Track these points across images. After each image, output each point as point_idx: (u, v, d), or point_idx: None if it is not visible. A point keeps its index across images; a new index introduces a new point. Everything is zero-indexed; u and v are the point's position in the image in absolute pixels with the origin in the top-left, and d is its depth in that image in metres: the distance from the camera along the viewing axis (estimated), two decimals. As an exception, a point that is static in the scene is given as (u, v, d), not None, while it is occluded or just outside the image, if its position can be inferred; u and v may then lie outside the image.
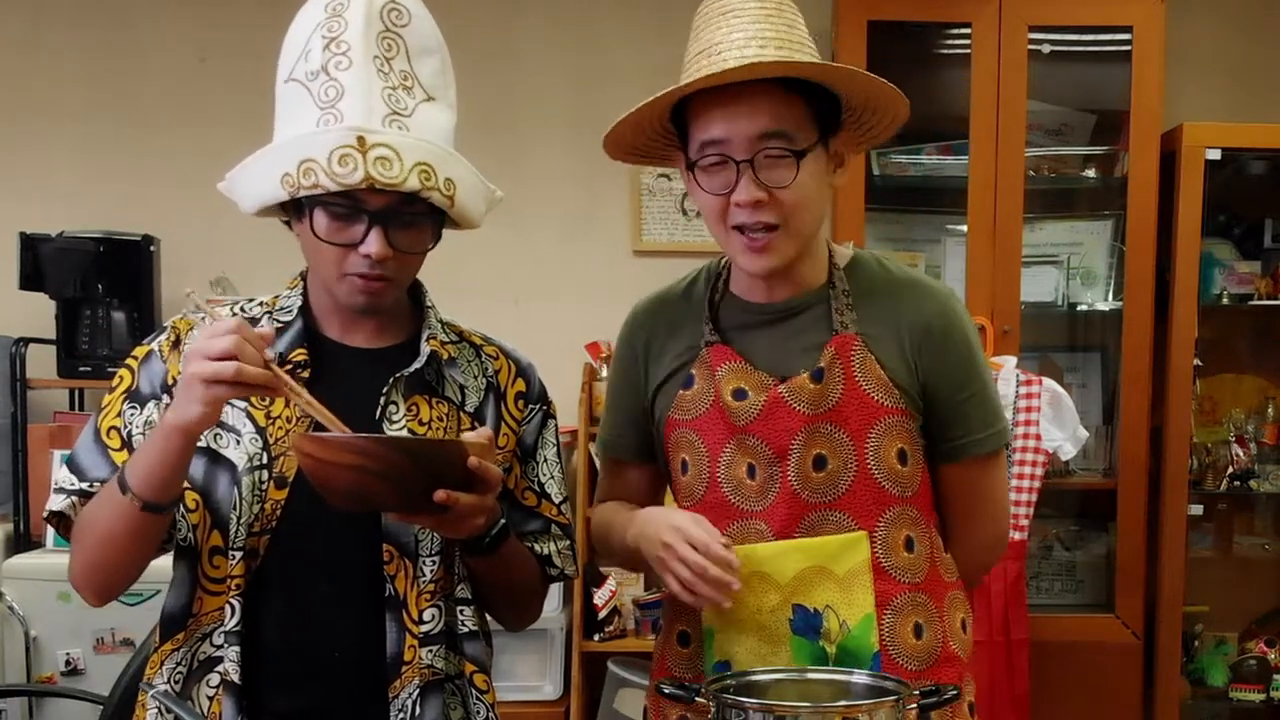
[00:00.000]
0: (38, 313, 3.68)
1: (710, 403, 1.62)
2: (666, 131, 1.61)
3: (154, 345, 1.57)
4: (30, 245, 3.58)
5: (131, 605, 3.27)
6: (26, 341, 3.64)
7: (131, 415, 1.52)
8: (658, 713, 1.69)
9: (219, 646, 1.48)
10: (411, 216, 1.47)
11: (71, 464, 1.53)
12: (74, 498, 1.51)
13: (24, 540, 3.59)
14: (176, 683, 1.51)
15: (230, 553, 1.47)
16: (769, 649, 1.57)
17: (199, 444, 1.48)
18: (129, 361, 1.56)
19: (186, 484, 1.48)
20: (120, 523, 1.41)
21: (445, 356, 1.59)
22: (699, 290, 1.70)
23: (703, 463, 1.62)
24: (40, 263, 3.57)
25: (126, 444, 1.51)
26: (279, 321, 1.56)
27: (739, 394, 1.59)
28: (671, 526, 1.52)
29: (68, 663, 3.37)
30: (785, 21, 1.52)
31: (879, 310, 1.60)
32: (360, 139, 1.41)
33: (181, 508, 1.50)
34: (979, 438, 1.63)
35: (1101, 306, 3.73)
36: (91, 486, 1.50)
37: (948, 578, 1.65)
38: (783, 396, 1.57)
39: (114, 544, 1.44)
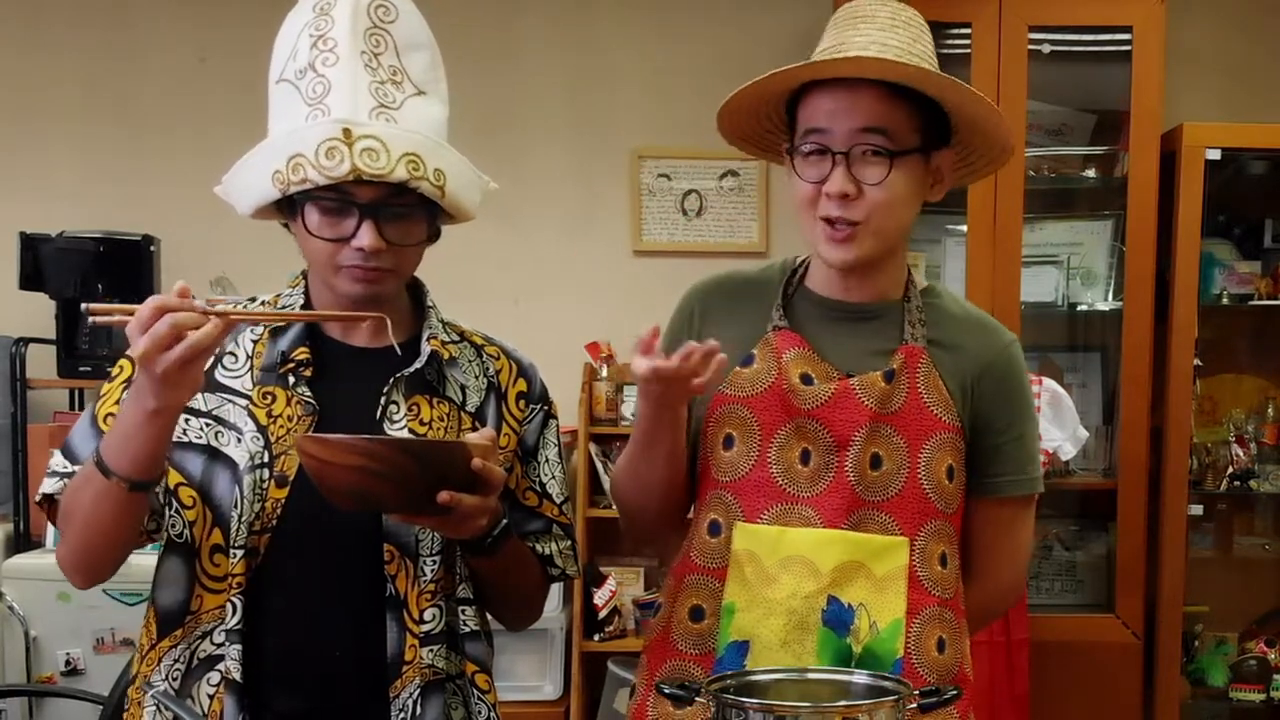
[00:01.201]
0: (38, 313, 3.68)
1: (771, 383, 1.62)
2: (782, 121, 1.66)
3: None
4: (30, 245, 3.58)
5: (131, 605, 3.28)
6: (26, 341, 3.64)
7: None
8: (644, 704, 1.68)
9: (219, 645, 1.48)
10: (403, 208, 1.47)
11: (65, 449, 1.53)
12: (64, 480, 1.50)
13: (24, 540, 3.59)
14: (174, 680, 1.50)
15: (231, 551, 1.47)
16: (796, 635, 1.57)
17: (198, 441, 1.49)
18: (130, 352, 1.56)
19: (184, 481, 1.48)
20: (106, 504, 1.40)
21: (446, 356, 1.59)
22: (772, 276, 1.72)
23: (753, 440, 1.62)
24: (40, 263, 3.58)
25: None
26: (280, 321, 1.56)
27: (806, 379, 1.61)
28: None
29: (68, 663, 3.37)
30: (911, 35, 1.57)
31: (947, 336, 1.65)
32: (346, 131, 1.41)
33: (176, 504, 1.49)
34: (1016, 479, 1.68)
35: (1101, 306, 3.73)
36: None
37: (963, 605, 1.68)
38: (853, 388, 1.59)
39: (100, 526, 1.43)
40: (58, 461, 1.53)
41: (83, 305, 1.40)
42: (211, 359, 1.50)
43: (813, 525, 1.59)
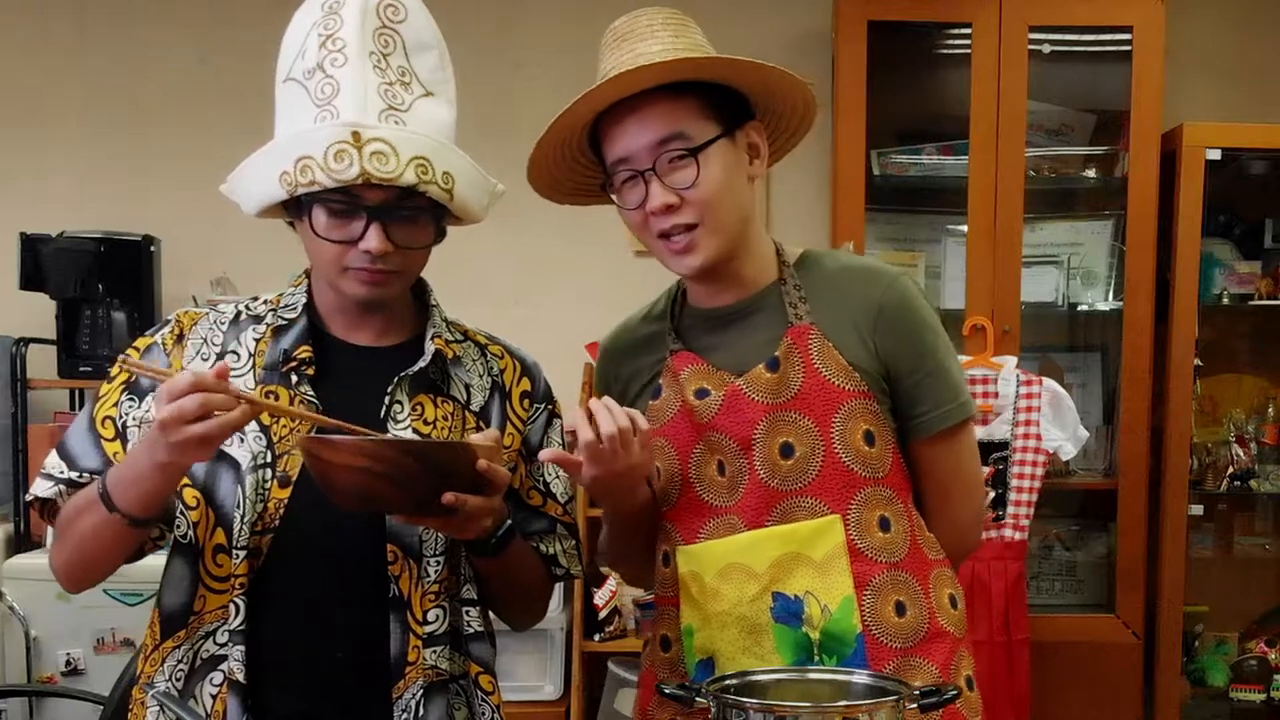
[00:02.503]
0: (38, 313, 3.68)
1: (677, 407, 1.64)
2: (595, 165, 1.65)
3: (156, 338, 1.57)
4: (31, 245, 3.58)
5: (132, 605, 3.28)
6: (27, 341, 3.64)
7: (129, 407, 1.52)
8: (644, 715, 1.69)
9: (222, 645, 1.48)
10: (411, 211, 1.47)
11: (61, 450, 1.53)
12: (61, 486, 1.51)
13: (24, 540, 3.58)
14: (178, 680, 1.50)
15: (234, 551, 1.47)
16: (751, 640, 1.58)
17: None
18: (129, 353, 1.56)
19: (187, 481, 1.48)
20: (105, 532, 1.43)
21: (450, 355, 1.59)
22: (659, 308, 1.74)
23: (674, 466, 1.64)
24: (41, 263, 3.57)
25: (120, 435, 1.51)
26: (283, 319, 1.56)
27: (701, 393, 1.62)
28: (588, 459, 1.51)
29: (68, 663, 3.37)
30: (671, 32, 1.57)
31: (831, 299, 1.63)
32: (355, 134, 1.41)
33: (180, 504, 1.50)
34: (943, 411, 1.64)
35: (1101, 306, 3.73)
36: (80, 476, 1.50)
37: (932, 555, 1.66)
38: (741, 389, 1.59)
39: (98, 550, 1.46)
40: (53, 463, 1.53)
41: (120, 357, 1.42)
42: (218, 354, 1.52)
43: (738, 531, 1.60)
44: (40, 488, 1.52)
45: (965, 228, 3.54)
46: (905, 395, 1.63)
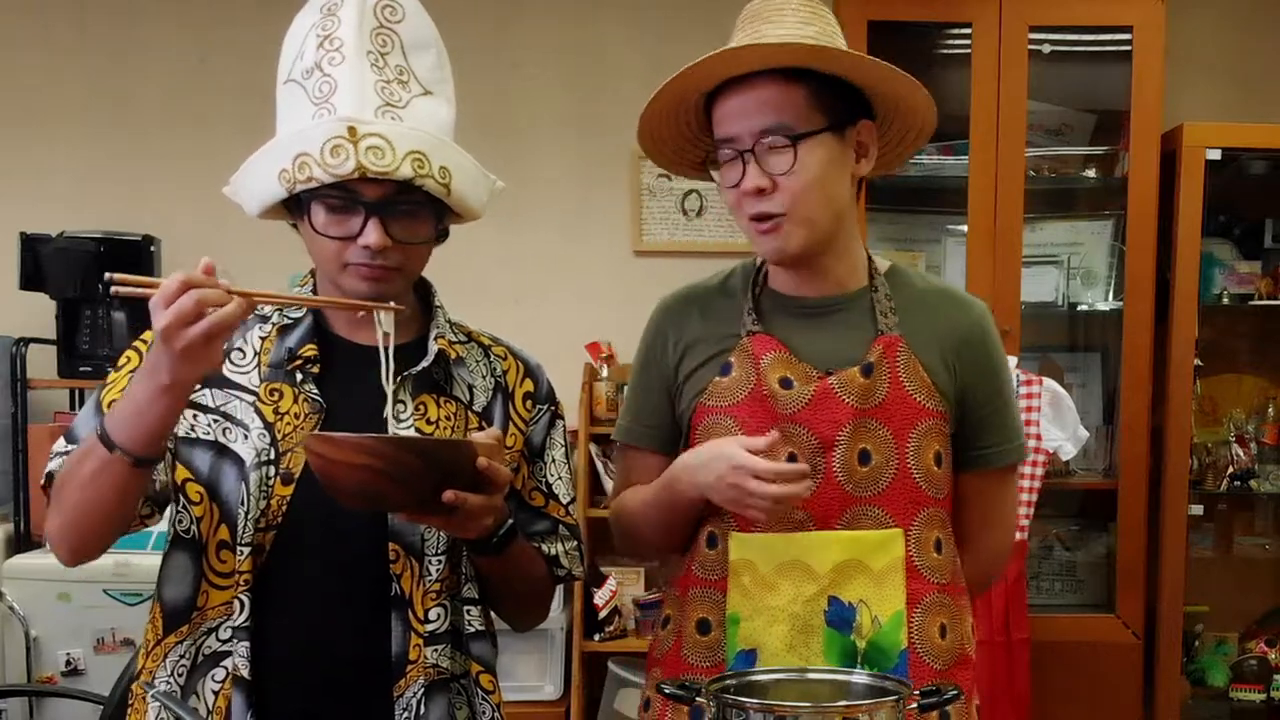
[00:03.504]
0: (38, 313, 3.68)
1: (750, 390, 1.62)
2: (704, 138, 1.66)
3: None
4: (31, 245, 3.59)
5: (132, 605, 3.28)
6: (27, 341, 3.64)
7: None
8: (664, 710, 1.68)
9: (225, 641, 1.48)
10: (409, 206, 1.48)
11: (69, 435, 1.53)
12: (65, 458, 1.50)
13: (24, 540, 3.59)
14: (180, 676, 1.50)
15: (238, 548, 1.47)
16: (801, 639, 1.58)
17: (206, 437, 1.49)
18: (137, 344, 1.57)
19: (191, 476, 1.49)
20: (105, 478, 1.39)
21: (453, 356, 1.59)
22: (735, 283, 1.72)
23: None
24: (41, 263, 3.58)
25: None
26: (288, 318, 1.56)
27: (785, 382, 1.60)
28: (732, 468, 1.50)
29: (68, 663, 3.37)
30: (801, 19, 1.56)
31: (919, 317, 1.65)
32: (351, 129, 1.41)
33: (183, 500, 1.50)
34: (1009, 447, 1.69)
35: (1101, 306, 3.73)
36: None
37: (961, 583, 1.68)
38: (833, 388, 1.59)
39: (97, 500, 1.42)
40: (60, 446, 1.53)
41: (106, 275, 1.39)
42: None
43: (806, 528, 1.59)
44: (51, 466, 1.51)
45: (965, 228, 3.55)
46: (973, 426, 1.66)
